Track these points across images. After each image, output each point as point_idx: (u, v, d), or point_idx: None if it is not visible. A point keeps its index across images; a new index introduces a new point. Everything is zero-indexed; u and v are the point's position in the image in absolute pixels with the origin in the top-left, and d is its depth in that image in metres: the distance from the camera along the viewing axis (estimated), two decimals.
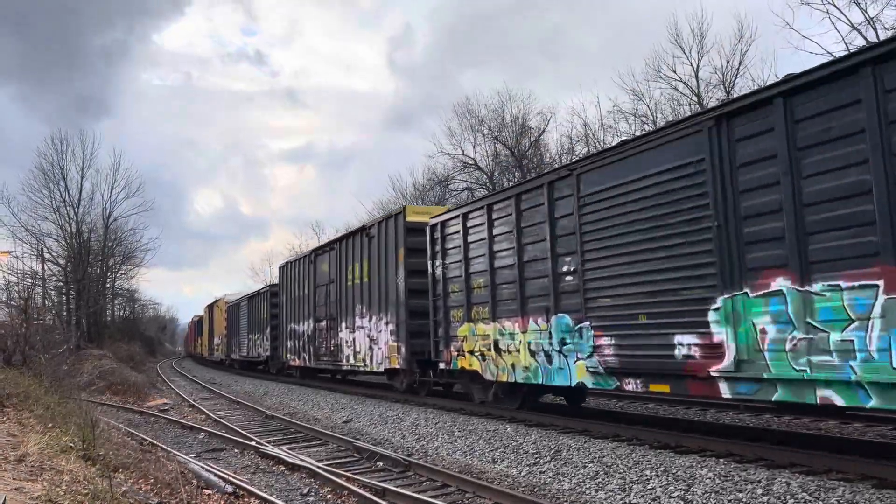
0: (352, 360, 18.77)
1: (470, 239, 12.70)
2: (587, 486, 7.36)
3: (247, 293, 37.40)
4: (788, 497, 6.29)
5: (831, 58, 7.61)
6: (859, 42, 19.98)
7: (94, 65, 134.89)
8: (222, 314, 41.38)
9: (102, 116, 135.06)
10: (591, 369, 9.76)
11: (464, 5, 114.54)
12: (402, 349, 15.50)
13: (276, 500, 7.48)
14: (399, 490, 7.48)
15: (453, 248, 13.28)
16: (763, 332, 7.26)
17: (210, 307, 48.67)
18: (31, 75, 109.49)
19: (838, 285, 6.53)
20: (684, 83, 28.88)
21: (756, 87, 8.35)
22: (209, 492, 7.90)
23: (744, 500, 6.37)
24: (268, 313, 29.12)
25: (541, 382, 10.88)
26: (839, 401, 6.64)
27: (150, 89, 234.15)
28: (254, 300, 32.48)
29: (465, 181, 38.19)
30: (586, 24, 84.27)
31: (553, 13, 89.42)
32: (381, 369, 17.00)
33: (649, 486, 7.04)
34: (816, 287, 6.72)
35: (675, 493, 6.72)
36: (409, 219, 15.67)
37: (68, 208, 40.58)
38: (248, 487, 7.94)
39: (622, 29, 65.35)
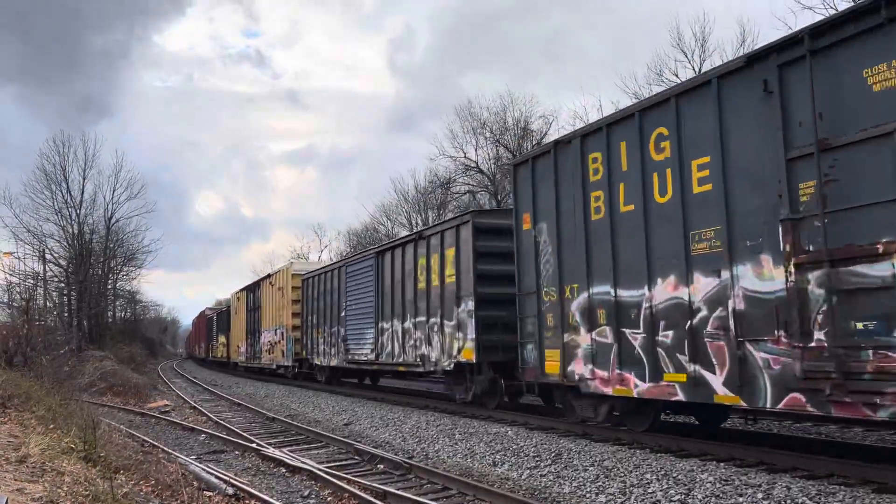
0: None
1: None
2: (588, 489, 7.36)
3: (375, 246, 21.95)
4: (789, 501, 6.28)
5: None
6: None
7: (94, 66, 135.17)
8: (284, 295, 26.09)
9: (103, 117, 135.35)
10: None
11: (464, 7, 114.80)
12: None
13: (277, 503, 7.49)
14: (400, 493, 7.48)
15: None
16: None
17: (252, 288, 32.78)
18: (32, 76, 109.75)
19: None
20: None
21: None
22: (210, 494, 7.91)
23: None
24: (468, 273, 13.32)
25: None
26: None
27: (152, 90, 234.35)
28: (405, 251, 16.18)
29: (467, 184, 38.24)
30: (587, 25, 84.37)
31: (554, 15, 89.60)
32: None
33: (650, 490, 7.04)
34: None
35: (676, 497, 6.72)
36: None
37: (70, 210, 40.68)
38: (249, 489, 7.95)
39: (624, 31, 65.42)
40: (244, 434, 12.58)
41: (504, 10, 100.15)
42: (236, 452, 11.22)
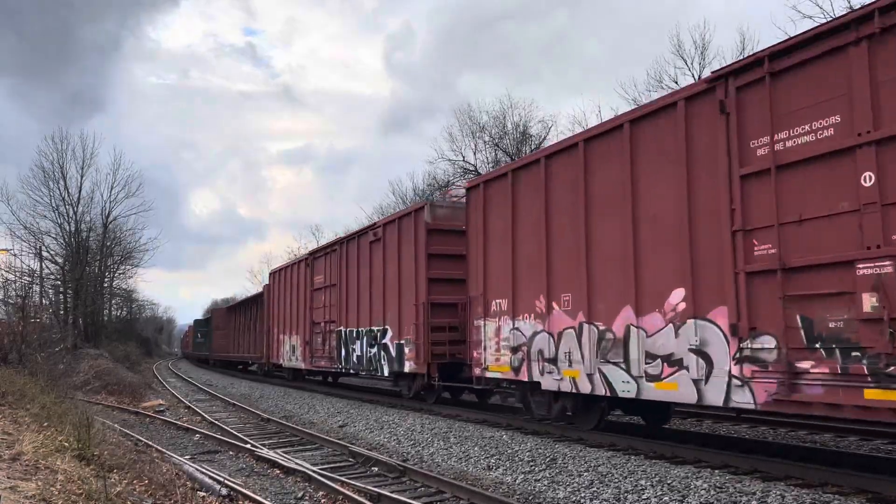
0: None
1: None
2: (582, 494, 7.35)
3: None
4: None
5: None
6: None
7: (86, 58, 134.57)
8: None
9: (96, 112, 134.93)
10: None
11: (464, 9, 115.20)
12: None
13: None
14: (394, 496, 7.47)
15: None
16: None
17: None
18: (24, 70, 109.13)
19: None
20: None
21: None
22: (203, 494, 7.89)
23: None
24: None
25: None
26: None
27: (148, 87, 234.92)
28: None
29: (466, 187, 38.21)
30: (588, 29, 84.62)
31: (554, 17, 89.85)
32: None
33: (644, 496, 7.03)
34: None
35: None
36: None
37: (67, 207, 40.62)
38: (243, 490, 7.93)
39: (625, 35, 65.61)
40: (238, 434, 12.55)
41: (504, 12, 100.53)
42: (231, 453, 11.20)
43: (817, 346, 6.72)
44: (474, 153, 37.88)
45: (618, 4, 74.39)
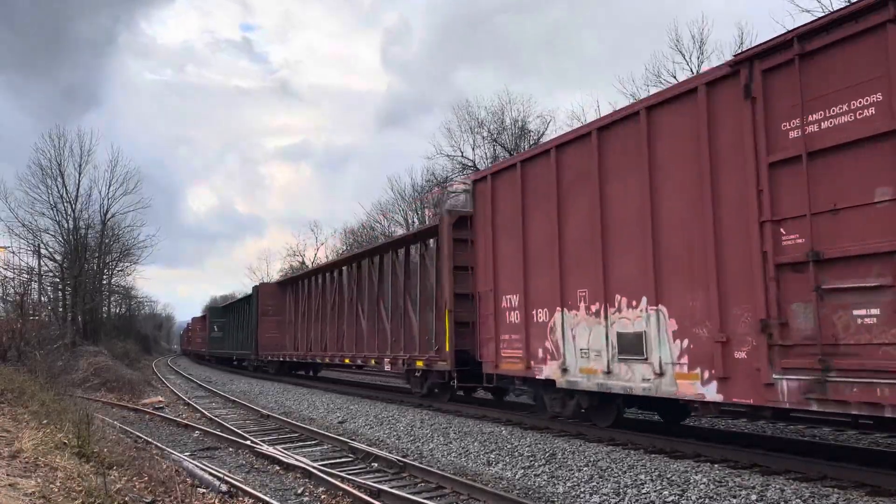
0: None
1: None
2: (582, 489, 7.36)
3: None
4: (782, 503, 6.29)
5: None
6: None
7: (81, 54, 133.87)
8: None
9: (90, 108, 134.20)
10: None
11: (461, 4, 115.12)
12: None
13: (271, 500, 7.47)
14: (394, 491, 7.48)
15: None
16: None
17: None
18: (17, 65, 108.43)
19: None
20: None
21: None
22: (203, 490, 7.89)
23: None
24: None
25: None
26: None
27: (143, 83, 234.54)
28: None
29: (465, 182, 38.20)
30: (586, 24, 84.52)
31: (552, 11, 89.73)
32: None
33: (644, 491, 7.04)
34: None
35: (670, 498, 6.72)
36: None
37: (66, 204, 40.50)
38: (243, 486, 7.93)
39: (623, 30, 65.52)
40: (238, 431, 12.55)
41: (501, 6, 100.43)
42: (230, 449, 11.20)
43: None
44: (473, 149, 37.90)
45: (615, 0, 74.31)
